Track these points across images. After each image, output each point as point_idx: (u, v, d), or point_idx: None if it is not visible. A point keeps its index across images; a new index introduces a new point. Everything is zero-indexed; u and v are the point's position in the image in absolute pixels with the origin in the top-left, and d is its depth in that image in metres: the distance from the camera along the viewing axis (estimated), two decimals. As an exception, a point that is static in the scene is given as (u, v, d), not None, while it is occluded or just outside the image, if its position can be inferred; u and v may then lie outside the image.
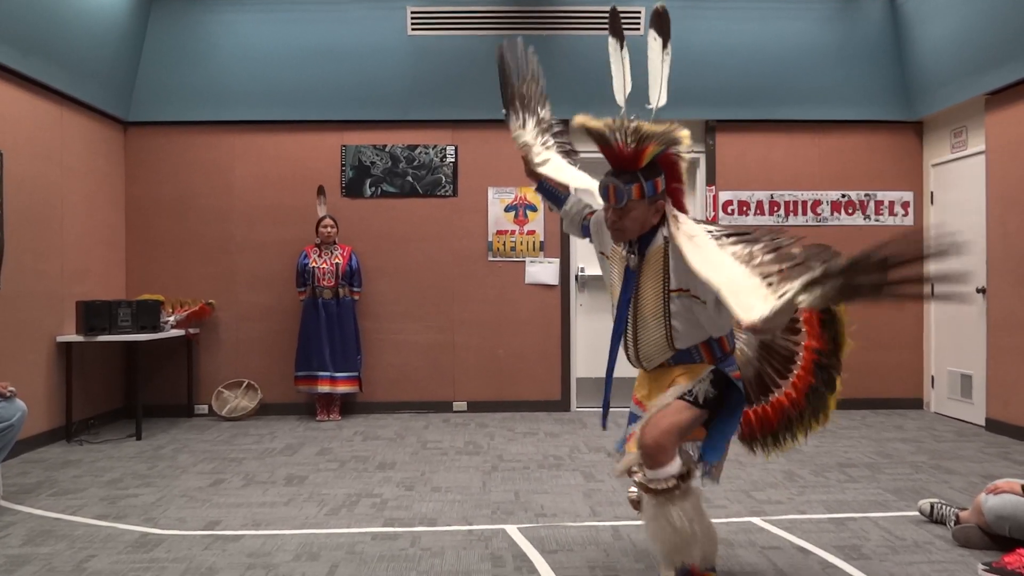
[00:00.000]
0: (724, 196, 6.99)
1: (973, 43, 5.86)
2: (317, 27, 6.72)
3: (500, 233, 6.95)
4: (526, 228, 6.95)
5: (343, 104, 6.82)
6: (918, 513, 3.70)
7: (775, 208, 7.02)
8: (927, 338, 6.95)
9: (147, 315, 6.00)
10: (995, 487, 3.30)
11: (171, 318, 6.36)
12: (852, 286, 1.85)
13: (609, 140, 2.44)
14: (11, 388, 4.02)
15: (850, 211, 7.03)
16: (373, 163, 6.93)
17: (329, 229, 6.57)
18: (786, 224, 6.95)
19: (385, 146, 6.94)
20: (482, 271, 6.97)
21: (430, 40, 6.71)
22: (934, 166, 6.87)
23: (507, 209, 6.92)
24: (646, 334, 2.58)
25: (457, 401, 6.92)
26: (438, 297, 6.94)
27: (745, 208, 7.01)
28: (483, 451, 5.34)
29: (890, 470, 4.72)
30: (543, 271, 6.96)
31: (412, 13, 6.71)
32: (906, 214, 7.02)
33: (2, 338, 5.05)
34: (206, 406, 6.75)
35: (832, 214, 7.02)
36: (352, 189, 6.92)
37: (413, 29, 6.73)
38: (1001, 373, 5.82)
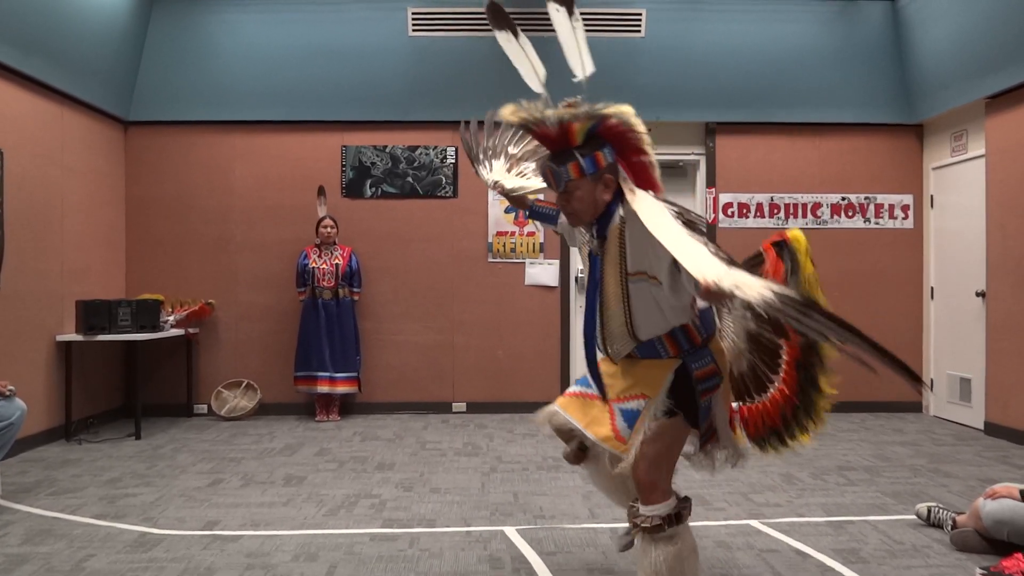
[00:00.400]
0: (724, 198, 6.98)
1: (974, 46, 5.86)
2: (318, 27, 6.72)
3: (500, 234, 6.95)
4: (526, 229, 6.95)
5: (344, 105, 6.82)
6: (915, 517, 3.71)
7: (775, 210, 7.02)
8: (926, 341, 6.96)
9: (147, 315, 6.00)
10: (993, 492, 3.30)
11: (171, 318, 6.36)
12: (802, 318, 1.70)
13: (532, 126, 2.37)
14: (11, 387, 4.03)
15: (850, 214, 7.03)
16: (373, 164, 6.93)
17: (329, 229, 6.57)
18: (786, 227, 6.94)
19: (385, 147, 6.94)
20: (482, 272, 6.97)
21: (431, 41, 6.71)
22: (934, 169, 6.87)
23: (507, 210, 6.92)
24: (611, 321, 2.49)
25: (456, 402, 6.92)
26: (438, 298, 6.94)
27: (745, 210, 7.01)
28: (482, 452, 5.34)
29: (889, 473, 4.72)
30: (543, 272, 6.96)
31: (413, 14, 6.71)
32: (906, 217, 7.03)
33: (2, 337, 5.05)
34: (205, 406, 6.76)
35: (832, 217, 7.03)
36: (352, 190, 6.93)
37: (414, 30, 6.73)
38: (1000, 377, 5.82)
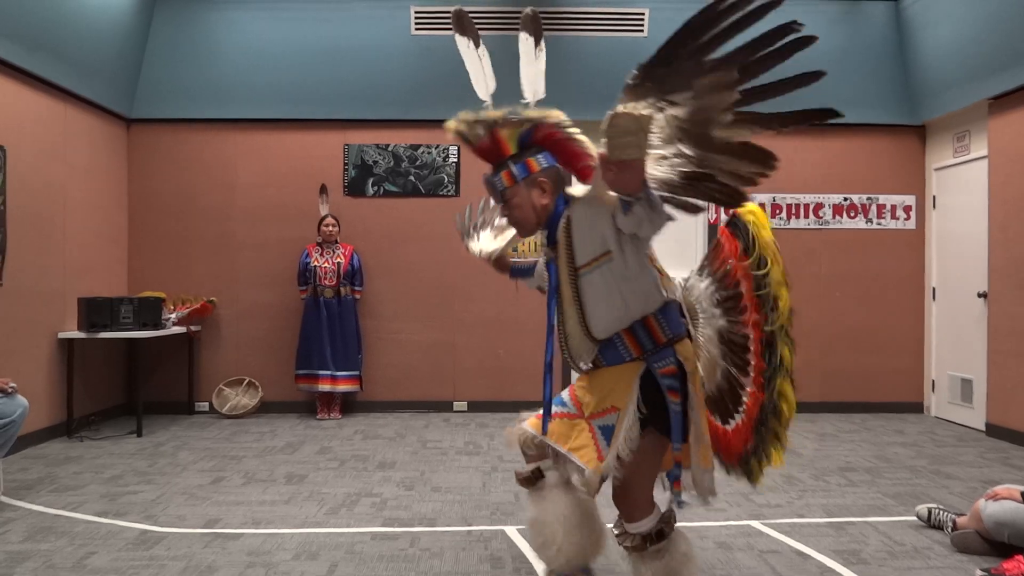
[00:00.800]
0: (726, 198, 6.97)
1: (977, 48, 5.86)
2: (321, 26, 6.72)
3: (502, 233, 6.95)
4: (528, 229, 6.94)
5: (346, 103, 6.82)
6: (916, 518, 3.71)
7: (777, 211, 7.01)
8: (928, 342, 6.95)
9: (149, 312, 6.01)
10: (994, 493, 3.30)
11: (172, 315, 6.37)
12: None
13: (468, 139, 2.46)
14: (12, 384, 4.03)
15: (852, 215, 7.03)
16: (376, 162, 6.93)
17: (331, 228, 6.58)
18: (788, 227, 6.94)
19: (388, 145, 6.94)
20: (483, 271, 6.88)
21: (433, 40, 6.71)
22: (937, 170, 6.87)
23: (509, 209, 6.90)
24: (567, 323, 2.47)
25: (457, 401, 6.93)
26: (439, 297, 6.94)
27: (747, 210, 6.99)
28: (483, 451, 5.34)
29: (890, 474, 4.72)
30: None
31: (416, 13, 6.71)
32: (908, 218, 7.02)
33: (4, 334, 5.06)
34: (207, 403, 6.76)
35: (834, 217, 7.02)
36: (354, 188, 6.93)
37: (417, 29, 6.73)
38: (1002, 378, 5.81)
